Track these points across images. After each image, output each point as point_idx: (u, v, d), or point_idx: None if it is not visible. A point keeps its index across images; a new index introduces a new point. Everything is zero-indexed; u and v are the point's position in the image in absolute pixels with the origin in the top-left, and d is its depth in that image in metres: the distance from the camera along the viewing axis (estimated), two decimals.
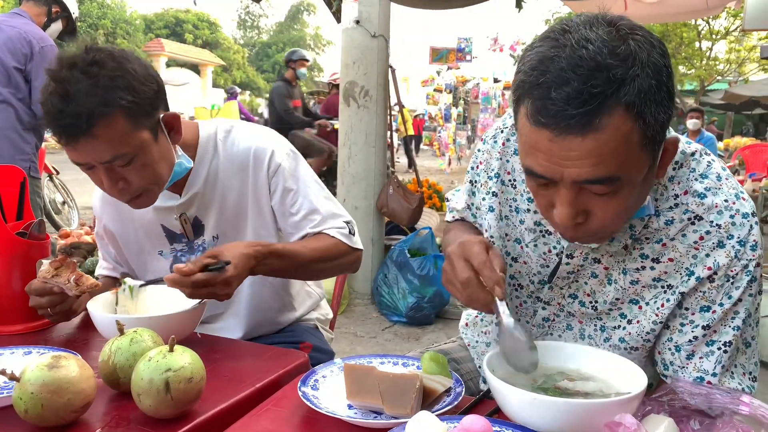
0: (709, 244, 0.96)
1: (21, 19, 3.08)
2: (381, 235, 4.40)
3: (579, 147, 0.80)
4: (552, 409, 0.84)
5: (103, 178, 1.24)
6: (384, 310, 3.99)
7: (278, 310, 1.58)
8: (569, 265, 1.07)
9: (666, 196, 0.98)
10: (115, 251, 1.57)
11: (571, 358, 1.03)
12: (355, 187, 4.17)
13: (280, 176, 1.43)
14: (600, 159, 0.80)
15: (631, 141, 0.80)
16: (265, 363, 1.21)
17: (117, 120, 1.17)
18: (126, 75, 1.19)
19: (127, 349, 1.01)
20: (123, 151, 1.20)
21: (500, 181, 1.16)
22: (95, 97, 1.14)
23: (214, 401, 1.02)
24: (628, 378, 0.94)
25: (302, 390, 0.99)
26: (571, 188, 0.85)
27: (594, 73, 0.77)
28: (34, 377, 0.89)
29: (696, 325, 1.00)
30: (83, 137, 1.16)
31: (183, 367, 0.93)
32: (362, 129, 4.12)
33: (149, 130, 1.24)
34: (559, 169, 0.83)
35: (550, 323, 1.16)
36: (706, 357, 1.00)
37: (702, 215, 0.96)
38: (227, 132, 1.45)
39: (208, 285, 1.16)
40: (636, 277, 1.03)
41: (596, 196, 0.86)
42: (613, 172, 0.82)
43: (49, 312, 1.26)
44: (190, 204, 1.43)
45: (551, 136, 0.81)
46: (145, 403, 0.92)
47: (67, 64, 1.16)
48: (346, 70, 4.14)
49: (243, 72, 36.99)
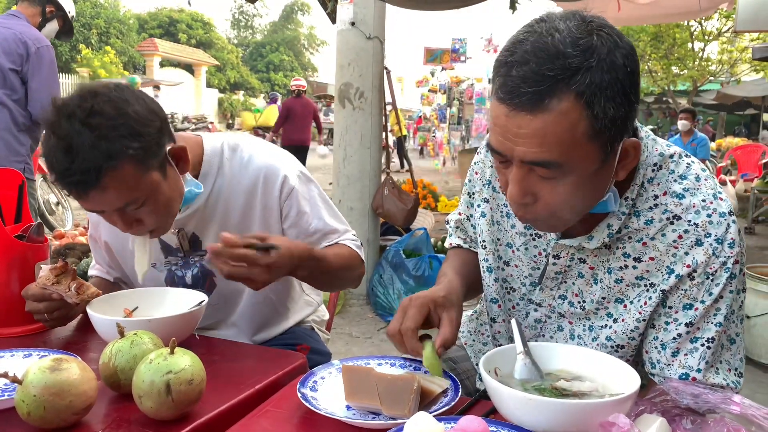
0: (688, 243, 0.99)
1: (16, 20, 3.08)
2: (376, 235, 4.42)
3: (528, 125, 0.86)
4: (548, 409, 0.86)
5: (116, 221, 1.22)
6: (379, 311, 4.01)
7: (277, 321, 1.59)
8: (556, 266, 1.11)
9: (645, 197, 1.02)
10: (109, 258, 1.56)
11: (565, 358, 1.04)
12: (350, 188, 4.19)
13: (293, 200, 1.41)
14: (544, 140, 0.86)
15: (577, 129, 0.85)
16: (263, 364, 1.22)
17: (125, 169, 1.13)
18: (128, 120, 1.14)
19: (128, 352, 1.02)
20: (135, 196, 1.18)
21: (491, 188, 1.21)
22: (100, 150, 1.10)
23: (214, 403, 1.03)
24: (621, 378, 0.96)
25: (301, 391, 1.00)
26: (520, 167, 0.91)
27: (552, 59, 0.84)
28: (36, 380, 0.90)
29: (680, 323, 1.02)
30: (93, 191, 1.13)
31: (183, 369, 0.94)
32: (357, 130, 4.14)
33: (158, 169, 1.21)
34: (510, 146, 0.89)
35: (542, 324, 1.19)
36: (691, 353, 1.02)
37: (680, 215, 1.00)
38: (233, 150, 1.41)
39: (251, 264, 1.14)
40: (620, 276, 1.06)
41: (542, 180, 0.91)
42: (556, 157, 0.87)
43: (45, 317, 1.26)
44: (189, 219, 1.40)
45: (507, 112, 0.87)
46: (146, 405, 0.93)
47: (65, 114, 1.11)
48: (341, 72, 4.15)
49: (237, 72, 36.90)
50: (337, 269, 1.37)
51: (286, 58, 42.20)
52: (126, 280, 1.58)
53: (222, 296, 1.50)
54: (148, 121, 1.18)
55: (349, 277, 1.48)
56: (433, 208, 7.98)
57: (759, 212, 7.64)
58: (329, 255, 1.35)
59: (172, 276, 1.49)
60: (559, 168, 0.88)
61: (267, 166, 1.40)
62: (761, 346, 3.40)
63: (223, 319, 1.53)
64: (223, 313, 1.52)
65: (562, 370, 1.04)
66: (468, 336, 1.41)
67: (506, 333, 1.25)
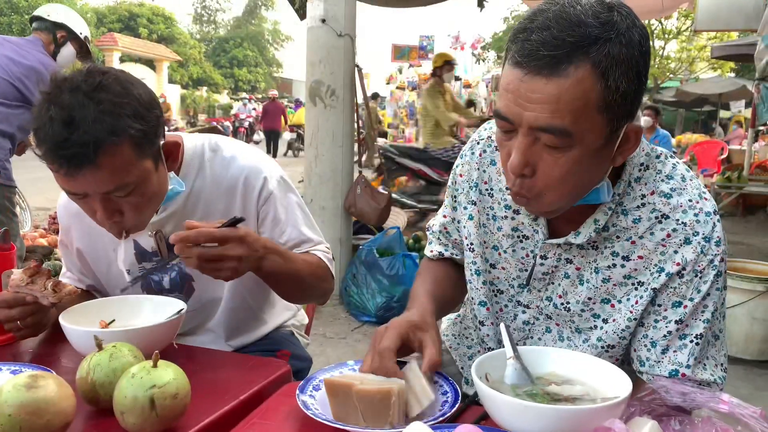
0: (677, 241, 1.02)
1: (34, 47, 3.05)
2: (349, 235, 4.39)
3: (542, 89, 0.87)
4: (543, 416, 0.85)
5: (97, 208, 1.15)
6: (353, 311, 3.99)
7: (256, 326, 1.55)
8: (543, 266, 1.12)
9: (633, 196, 1.04)
10: (80, 264, 1.50)
11: (554, 362, 1.04)
12: (322, 188, 4.15)
13: (270, 205, 1.38)
14: (557, 106, 0.87)
15: (590, 98, 0.87)
16: (246, 374, 1.19)
17: (124, 149, 1.10)
18: (132, 101, 1.11)
19: (107, 365, 0.98)
20: (126, 181, 1.13)
21: (478, 191, 1.20)
22: (103, 125, 1.06)
23: (198, 416, 1.00)
24: (611, 381, 0.96)
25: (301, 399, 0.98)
26: (526, 135, 0.91)
27: (573, 27, 0.86)
28: (11, 398, 0.85)
29: (669, 321, 1.04)
30: (86, 168, 1.07)
31: (168, 383, 0.91)
32: (329, 129, 4.10)
33: (152, 159, 1.17)
34: (520, 112, 0.90)
35: (530, 326, 1.19)
36: (680, 350, 1.04)
37: (669, 214, 1.02)
38: (214, 151, 1.39)
39: (222, 241, 1.09)
40: (607, 275, 1.07)
41: (547, 151, 0.91)
42: (567, 125, 0.88)
43: (18, 325, 1.20)
44: (167, 221, 1.35)
45: (521, 76, 0.88)
46: (129, 421, 0.90)
47: (69, 87, 1.07)
48: (312, 69, 4.11)
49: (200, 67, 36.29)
50: (304, 275, 1.32)
51: (250, 54, 41.71)
52: (99, 287, 1.52)
53: (200, 301, 1.46)
54: (151, 107, 1.15)
55: (317, 288, 1.42)
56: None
57: (719, 207, 7.87)
58: (297, 257, 1.32)
59: (148, 282, 1.44)
60: (567, 137, 0.89)
61: (249, 167, 1.38)
62: (728, 339, 3.50)
63: (201, 324, 1.49)
64: (201, 318, 1.48)
65: (551, 374, 1.04)
66: (452, 339, 1.40)
67: (494, 336, 1.24)
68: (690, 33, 18.71)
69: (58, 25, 3.13)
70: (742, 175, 7.51)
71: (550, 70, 0.86)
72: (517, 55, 0.89)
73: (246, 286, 1.44)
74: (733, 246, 6.66)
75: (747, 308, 3.38)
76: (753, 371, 3.34)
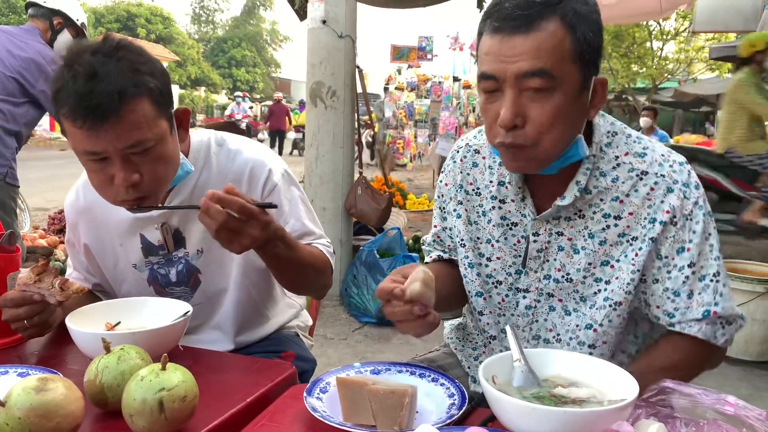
0: (660, 192, 1.11)
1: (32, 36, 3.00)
2: (349, 235, 4.39)
3: (522, 44, 0.99)
4: (550, 418, 0.86)
5: (116, 170, 1.16)
6: (353, 312, 3.99)
7: (260, 323, 1.56)
8: (537, 243, 1.18)
9: (607, 159, 1.14)
10: (87, 262, 1.50)
11: (560, 365, 1.05)
12: (322, 188, 4.15)
13: (274, 196, 1.40)
14: (538, 53, 0.99)
15: (564, 48, 1.00)
16: (252, 376, 1.19)
17: (144, 103, 1.14)
18: (148, 62, 1.18)
19: (115, 368, 0.98)
20: (146, 136, 1.15)
21: (464, 191, 1.28)
22: (125, 77, 1.11)
23: (206, 418, 1.00)
24: (617, 384, 0.97)
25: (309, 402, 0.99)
26: (513, 86, 1.01)
27: None
28: (20, 401, 0.85)
29: (681, 267, 1.11)
30: (111, 119, 1.10)
31: (177, 386, 0.91)
32: (329, 130, 4.10)
33: (167, 120, 1.22)
34: (505, 67, 1.01)
35: (533, 310, 1.22)
36: (704, 291, 1.11)
37: (647, 170, 1.11)
38: (220, 144, 1.42)
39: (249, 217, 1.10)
40: (603, 237, 1.14)
41: (533, 99, 1.02)
42: (549, 67, 0.99)
43: (24, 324, 1.21)
44: (174, 213, 1.38)
45: (502, 38, 1.01)
46: (138, 424, 0.90)
47: (89, 51, 1.13)
48: (313, 70, 4.11)
49: (198, 68, 36.27)
50: (305, 264, 1.33)
51: (249, 54, 41.70)
52: (105, 285, 1.53)
53: (206, 294, 1.47)
54: (163, 72, 1.21)
55: (316, 281, 1.44)
56: (401, 205, 8.00)
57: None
58: (300, 246, 1.33)
59: (154, 275, 1.45)
60: (551, 79, 1.00)
61: (254, 159, 1.40)
62: None
63: (206, 321, 1.50)
64: (206, 313, 1.49)
65: (557, 376, 1.04)
66: (457, 342, 1.43)
67: (494, 324, 1.28)
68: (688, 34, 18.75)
69: (54, 11, 3.07)
70: None
71: (526, 27, 0.99)
72: (494, 22, 1.02)
73: (251, 280, 1.46)
74: (732, 247, 6.67)
75: (747, 309, 3.39)
76: (753, 372, 3.35)
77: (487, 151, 1.27)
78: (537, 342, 1.23)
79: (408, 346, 3.56)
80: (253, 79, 41.51)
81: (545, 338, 1.22)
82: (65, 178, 10.48)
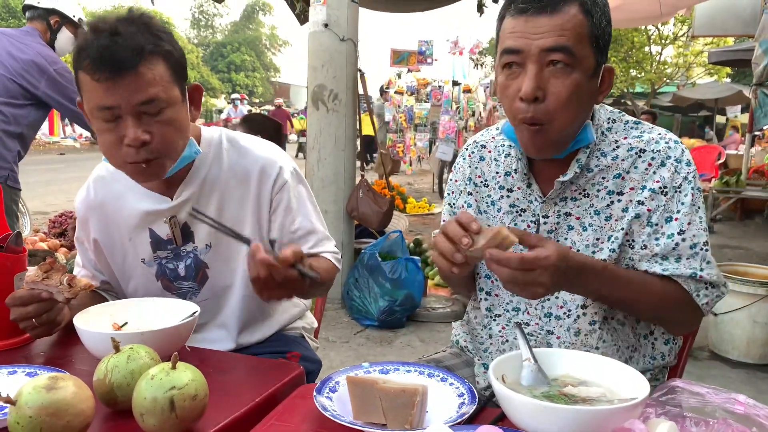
0: (655, 165, 1.18)
1: (32, 39, 2.98)
2: (351, 238, 4.39)
3: (547, 23, 1.08)
4: (562, 417, 0.85)
5: (128, 127, 1.20)
6: (355, 315, 3.98)
7: (264, 321, 1.56)
8: (547, 224, 1.24)
9: (607, 141, 1.21)
10: (95, 258, 1.51)
11: (569, 364, 1.05)
12: (324, 191, 4.15)
13: (284, 193, 1.43)
14: (562, 32, 1.08)
15: (583, 30, 1.09)
16: (260, 376, 1.19)
17: (161, 64, 1.21)
18: (169, 33, 1.26)
19: (125, 367, 0.98)
20: (160, 95, 1.21)
21: (473, 183, 1.36)
22: (145, 37, 1.19)
23: (215, 418, 1.00)
24: (627, 383, 0.97)
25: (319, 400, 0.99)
26: (536, 61, 1.09)
27: None
28: (31, 400, 0.85)
29: (670, 234, 1.17)
30: (127, 72, 1.16)
31: (187, 385, 0.91)
32: (331, 133, 4.10)
33: (180, 91, 1.27)
34: (529, 42, 1.09)
35: None
36: (693, 258, 1.17)
37: (645, 148, 1.19)
38: (232, 142, 1.45)
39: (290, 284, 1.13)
40: (608, 213, 1.20)
41: (554, 75, 1.09)
42: (571, 44, 1.08)
43: (33, 323, 1.21)
44: (181, 207, 1.40)
45: (527, 18, 1.09)
46: (149, 423, 0.90)
47: (114, 16, 1.21)
48: (314, 73, 4.11)
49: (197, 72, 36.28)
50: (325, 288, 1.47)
51: (248, 58, 41.76)
52: (113, 282, 1.53)
53: (213, 290, 1.48)
54: (182, 50, 1.30)
55: (326, 290, 1.57)
56: (402, 209, 7.99)
57: (717, 212, 7.90)
58: (322, 273, 1.35)
59: (163, 270, 1.46)
60: (572, 56, 1.08)
61: (265, 157, 1.44)
62: (728, 342, 3.51)
63: (212, 319, 1.50)
64: (213, 309, 1.49)
65: (567, 375, 1.04)
66: (464, 336, 1.46)
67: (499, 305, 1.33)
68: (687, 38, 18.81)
69: (49, 10, 3.05)
70: (740, 179, 7.53)
71: (551, 8, 1.08)
72: (521, 4, 1.10)
73: None
74: (732, 250, 6.68)
75: (748, 312, 3.39)
76: (755, 375, 3.35)
77: (492, 146, 1.34)
78: (549, 319, 1.26)
79: (410, 349, 3.55)
80: (252, 84, 41.56)
81: (556, 315, 1.25)
82: (65, 182, 10.48)
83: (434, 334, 3.79)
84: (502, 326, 1.31)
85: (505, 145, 1.31)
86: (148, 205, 1.39)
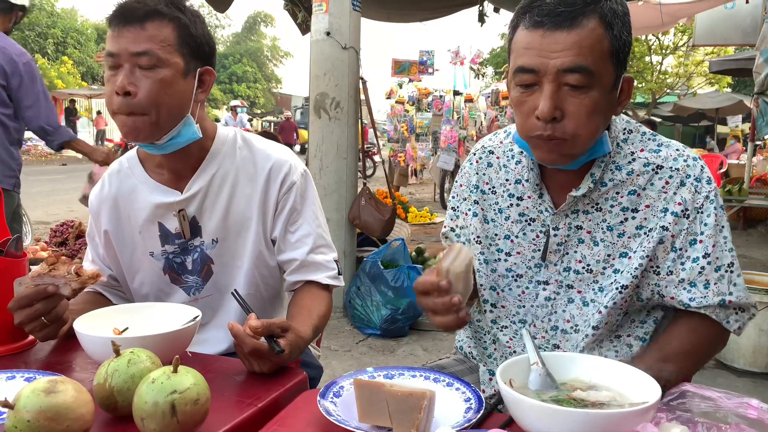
0: (674, 185, 1.15)
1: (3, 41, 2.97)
2: (353, 247, 4.37)
3: (564, 40, 1.02)
4: (573, 420, 0.84)
5: (121, 74, 1.26)
6: (357, 323, 3.96)
7: None
8: (557, 237, 1.21)
9: (623, 154, 1.18)
10: (105, 252, 1.52)
11: (578, 368, 1.03)
12: (326, 199, 4.14)
13: (292, 194, 1.44)
14: (580, 51, 1.02)
15: (603, 44, 1.04)
16: (262, 381, 1.17)
17: (168, 27, 1.28)
18: (197, 13, 1.34)
19: (125, 371, 0.96)
20: (156, 51, 1.26)
21: (480, 191, 1.32)
22: (165, 3, 1.28)
23: (217, 423, 0.98)
24: (637, 387, 0.95)
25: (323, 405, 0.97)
26: (552, 81, 1.04)
27: None
28: (30, 404, 0.83)
29: (695, 258, 1.14)
30: (133, 25, 1.25)
31: (189, 389, 0.89)
32: (333, 141, 4.10)
33: (184, 63, 1.30)
34: (546, 61, 1.04)
35: (553, 302, 1.25)
36: (719, 281, 1.14)
37: (662, 164, 1.16)
38: (245, 141, 1.47)
39: (260, 357, 1.15)
40: (622, 230, 1.17)
41: (571, 94, 1.04)
42: (589, 63, 1.03)
43: (42, 322, 1.20)
44: (191, 201, 1.42)
45: (543, 33, 1.04)
46: (150, 427, 0.88)
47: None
48: (317, 82, 4.12)
49: None
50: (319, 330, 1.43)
51: (250, 70, 41.94)
52: (119, 277, 1.53)
53: (216, 286, 1.48)
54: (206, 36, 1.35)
55: None
56: (403, 219, 7.98)
57: None
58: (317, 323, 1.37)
59: (170, 264, 1.47)
60: (590, 76, 1.03)
61: (276, 158, 1.45)
62: (734, 351, 3.48)
63: (211, 320, 1.49)
64: (214, 307, 1.49)
65: (575, 380, 1.02)
66: (468, 341, 1.44)
67: (506, 317, 1.31)
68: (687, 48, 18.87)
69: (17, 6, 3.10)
70: (743, 188, 7.52)
71: (569, 23, 1.02)
72: (536, 17, 1.04)
73: (261, 274, 1.48)
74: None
75: (755, 320, 3.35)
76: (763, 383, 3.31)
77: (501, 152, 1.31)
78: (555, 332, 1.25)
79: (413, 358, 3.53)
80: (254, 95, 41.73)
81: (563, 329, 1.24)
82: (66, 192, 10.49)
83: (437, 343, 3.76)
84: (509, 337, 1.30)
85: (514, 151, 1.29)
86: (158, 197, 1.41)
